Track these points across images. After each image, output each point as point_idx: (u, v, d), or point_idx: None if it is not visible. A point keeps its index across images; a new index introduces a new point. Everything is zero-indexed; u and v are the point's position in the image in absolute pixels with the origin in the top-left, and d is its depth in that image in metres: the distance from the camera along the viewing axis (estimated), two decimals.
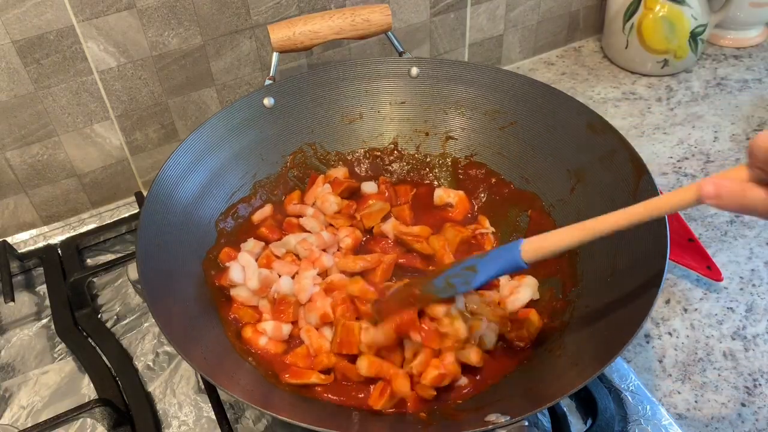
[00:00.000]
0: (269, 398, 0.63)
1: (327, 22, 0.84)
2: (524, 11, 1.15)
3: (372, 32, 0.86)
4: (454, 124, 0.88)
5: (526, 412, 0.55)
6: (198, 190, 0.78)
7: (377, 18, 0.86)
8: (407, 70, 0.88)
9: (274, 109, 0.85)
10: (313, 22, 0.84)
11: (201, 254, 0.76)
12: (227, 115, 0.81)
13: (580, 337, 0.65)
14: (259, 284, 0.72)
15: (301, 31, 0.84)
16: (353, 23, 0.85)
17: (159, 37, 0.88)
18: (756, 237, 0.88)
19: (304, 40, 0.84)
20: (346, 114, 0.89)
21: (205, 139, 0.79)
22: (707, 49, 1.22)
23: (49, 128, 0.89)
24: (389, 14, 0.86)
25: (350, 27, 0.85)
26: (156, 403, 0.74)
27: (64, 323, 0.81)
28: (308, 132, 0.87)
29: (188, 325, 0.66)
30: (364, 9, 0.86)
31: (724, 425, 0.69)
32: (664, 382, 0.73)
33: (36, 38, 0.81)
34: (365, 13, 0.85)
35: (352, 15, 0.85)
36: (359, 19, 0.85)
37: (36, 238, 0.93)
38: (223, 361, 0.66)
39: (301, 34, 0.84)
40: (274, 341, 0.70)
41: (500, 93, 0.85)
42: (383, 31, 0.87)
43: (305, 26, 0.84)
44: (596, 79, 1.18)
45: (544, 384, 0.63)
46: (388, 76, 0.88)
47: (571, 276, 0.73)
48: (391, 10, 1.01)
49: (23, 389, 0.76)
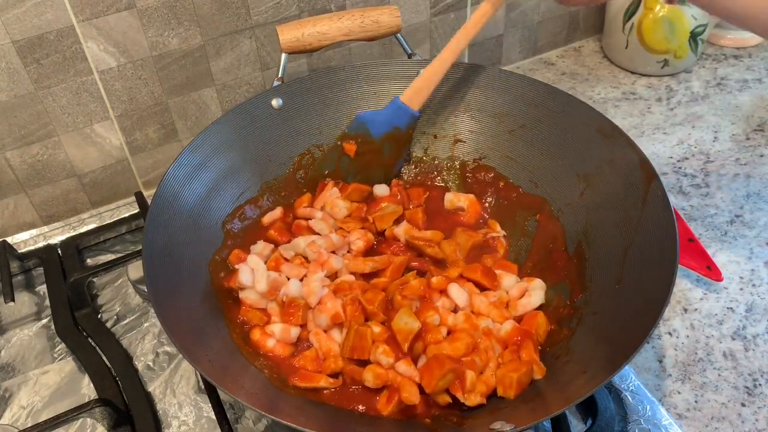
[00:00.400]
0: (275, 402, 0.62)
1: (336, 23, 0.84)
2: (524, 11, 1.15)
3: (381, 34, 0.86)
4: (462, 127, 0.88)
5: (531, 421, 0.55)
6: (204, 191, 0.77)
7: (387, 19, 0.85)
8: (416, 72, 0.87)
9: (281, 111, 0.84)
10: (321, 23, 0.84)
11: (207, 256, 0.75)
12: (235, 116, 0.81)
13: (588, 344, 0.65)
14: (268, 287, 0.72)
15: (310, 32, 0.83)
16: (362, 25, 0.84)
17: (159, 37, 0.88)
18: (756, 237, 0.88)
19: (313, 42, 0.84)
20: (354, 116, 0.88)
21: (212, 140, 0.79)
22: (707, 49, 1.22)
23: (49, 128, 0.89)
24: (398, 16, 0.85)
25: (359, 28, 0.85)
26: (156, 403, 0.74)
27: (64, 323, 0.81)
28: (316, 133, 0.87)
29: (194, 328, 0.66)
30: (374, 10, 0.85)
31: (724, 425, 0.69)
32: (664, 382, 0.73)
33: (36, 38, 0.81)
34: (375, 14, 0.85)
35: (362, 16, 0.84)
36: (368, 21, 0.85)
37: (36, 238, 0.93)
38: (229, 364, 0.65)
39: (309, 36, 0.83)
40: (282, 344, 0.70)
41: (509, 96, 0.85)
42: (392, 33, 0.87)
43: (314, 27, 0.83)
44: (596, 79, 1.18)
45: (551, 391, 0.62)
46: (396, 78, 0.87)
47: (579, 283, 0.72)
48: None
49: (23, 389, 0.76)
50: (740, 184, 0.95)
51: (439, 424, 0.62)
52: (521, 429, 0.54)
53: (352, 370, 0.66)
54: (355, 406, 0.65)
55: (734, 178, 0.96)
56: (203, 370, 0.58)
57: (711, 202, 0.93)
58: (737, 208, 0.92)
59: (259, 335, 0.70)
